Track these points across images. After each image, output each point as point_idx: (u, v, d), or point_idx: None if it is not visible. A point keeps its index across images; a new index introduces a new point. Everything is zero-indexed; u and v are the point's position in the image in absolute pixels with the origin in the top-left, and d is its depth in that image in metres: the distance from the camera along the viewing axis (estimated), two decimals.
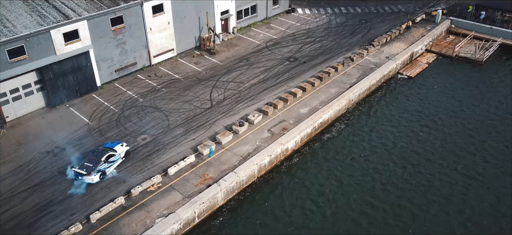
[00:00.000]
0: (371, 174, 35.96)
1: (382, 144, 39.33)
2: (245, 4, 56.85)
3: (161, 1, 46.33)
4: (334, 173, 36.07)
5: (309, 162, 37.30)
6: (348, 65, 48.80)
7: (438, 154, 38.05)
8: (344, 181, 35.22)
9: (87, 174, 32.07)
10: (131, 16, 44.27)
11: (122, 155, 34.53)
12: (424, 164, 36.91)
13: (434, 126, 41.58)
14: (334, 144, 39.58)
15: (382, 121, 42.49)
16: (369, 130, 41.30)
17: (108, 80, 45.11)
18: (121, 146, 34.94)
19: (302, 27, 58.56)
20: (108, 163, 33.21)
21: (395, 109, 44.26)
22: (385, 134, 40.69)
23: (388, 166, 36.68)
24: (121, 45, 44.76)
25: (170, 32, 48.85)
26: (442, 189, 34.41)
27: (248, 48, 53.09)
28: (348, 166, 36.85)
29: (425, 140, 39.71)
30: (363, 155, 37.99)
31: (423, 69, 51.45)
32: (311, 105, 42.11)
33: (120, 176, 33.25)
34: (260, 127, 38.99)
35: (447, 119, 42.60)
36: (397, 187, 34.61)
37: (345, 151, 38.56)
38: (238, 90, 44.34)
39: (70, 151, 35.30)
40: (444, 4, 64.99)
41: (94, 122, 39.33)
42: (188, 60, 50.40)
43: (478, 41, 56.01)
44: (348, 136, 40.58)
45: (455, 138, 39.91)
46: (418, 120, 42.45)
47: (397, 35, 55.96)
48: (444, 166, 36.66)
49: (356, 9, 64.52)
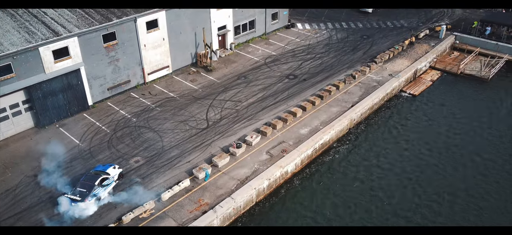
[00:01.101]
0: (376, 199, 35.04)
1: (388, 167, 38.50)
2: (243, 19, 56.37)
3: (155, 17, 45.75)
4: (337, 199, 35.17)
5: (310, 186, 36.39)
6: (349, 83, 48.15)
7: (449, 178, 37.18)
8: (348, 207, 34.28)
9: (81, 200, 31.10)
10: (124, 32, 43.64)
11: (115, 178, 33.74)
12: (434, 189, 36.02)
13: (441, 148, 40.79)
14: (336, 166, 38.73)
15: (386, 143, 41.70)
16: (372, 151, 40.49)
17: (100, 98, 44.32)
18: (113, 169, 34.17)
19: (302, 43, 58.05)
20: (102, 187, 32.35)
21: (400, 130, 43.51)
22: (390, 156, 39.88)
23: (394, 191, 35.78)
24: (113, 63, 44.06)
25: (165, 49, 48.22)
26: (454, 216, 33.52)
27: (246, 65, 52.47)
28: (352, 190, 35.94)
29: (433, 164, 38.86)
30: (367, 179, 37.12)
31: (427, 87, 50.83)
32: (312, 125, 41.35)
33: (116, 199, 32.34)
34: (259, 149, 38.16)
35: (455, 140, 41.85)
36: (406, 216, 33.65)
37: (348, 175, 37.69)
38: (235, 109, 43.60)
39: (59, 174, 34.32)
40: (448, 19, 64.68)
41: (85, 144, 38.45)
42: (184, 78, 49.70)
43: (483, 58, 55.60)
44: (351, 158, 39.74)
45: (465, 160, 39.10)
46: (424, 142, 41.65)
47: (400, 52, 55.45)
48: (455, 192, 35.79)
49: (357, 24, 64.12)
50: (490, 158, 39.39)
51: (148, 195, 32.73)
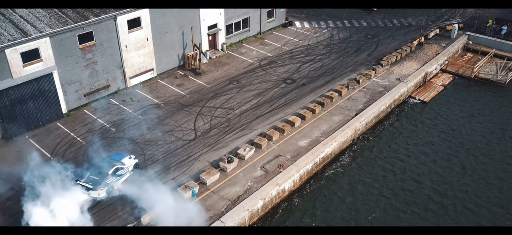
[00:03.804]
0: (387, 219, 33.27)
1: (397, 184, 36.76)
2: (235, 17, 54.57)
3: (138, 15, 43.89)
4: (340, 220, 33.35)
5: (309, 206, 34.58)
6: (353, 88, 46.40)
7: (469, 200, 35.42)
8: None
9: (93, 189, 31.34)
10: (102, 32, 41.74)
11: (130, 169, 33.89)
12: (450, 212, 34.30)
13: (455, 162, 39.12)
14: (339, 182, 36.99)
15: (395, 155, 40.00)
16: (379, 165, 38.79)
17: (75, 106, 42.39)
18: (129, 159, 34.43)
19: (300, 43, 56.32)
20: (115, 176, 32.55)
21: (409, 141, 41.84)
22: (399, 170, 38.15)
23: (405, 212, 34.01)
24: (91, 66, 42.16)
25: (148, 50, 46.37)
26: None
27: (239, 68, 50.68)
28: (357, 210, 34.16)
29: (448, 181, 37.17)
30: (373, 198, 35.34)
31: (438, 92, 49.17)
32: (312, 137, 39.58)
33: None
34: (252, 164, 36.34)
35: (473, 153, 40.19)
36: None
37: (352, 192, 35.92)
38: (227, 118, 41.81)
39: (26, 193, 32.28)
40: (459, 17, 63.14)
41: (57, 158, 36.43)
42: (170, 82, 47.84)
43: (499, 60, 54.01)
44: (355, 173, 38.01)
45: (489, 179, 37.45)
46: (436, 155, 39.99)
47: (408, 53, 53.78)
48: (478, 214, 34.07)
49: (361, 22, 62.44)
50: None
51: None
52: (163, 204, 30.56)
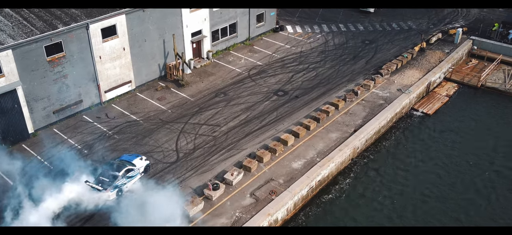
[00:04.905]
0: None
1: (402, 208, 34.10)
2: (222, 22, 51.63)
3: (113, 22, 40.88)
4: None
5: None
6: (351, 100, 43.68)
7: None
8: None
9: (103, 190, 31.27)
10: (73, 42, 38.71)
11: (142, 171, 33.93)
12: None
13: (466, 183, 36.57)
14: (338, 209, 34.34)
15: (399, 176, 37.41)
16: (381, 188, 36.20)
17: (43, 124, 39.34)
18: (140, 160, 34.43)
19: (292, 50, 53.54)
20: (126, 178, 32.50)
21: (413, 158, 39.34)
22: (404, 193, 35.59)
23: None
24: (60, 80, 39.10)
25: (126, 61, 43.34)
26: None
27: (226, 78, 47.77)
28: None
29: (459, 206, 34.59)
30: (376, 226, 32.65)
31: (442, 104, 46.64)
32: (307, 157, 36.82)
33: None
34: (241, 190, 33.54)
35: (484, 173, 37.72)
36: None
37: (353, 220, 33.17)
38: (212, 136, 39.00)
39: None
40: (463, 20, 60.68)
41: (20, 186, 33.22)
42: (150, 95, 44.83)
43: (507, 67, 51.63)
44: (355, 197, 35.38)
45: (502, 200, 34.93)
46: (447, 175, 37.52)
47: (409, 60, 51.22)
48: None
49: (357, 26, 59.76)
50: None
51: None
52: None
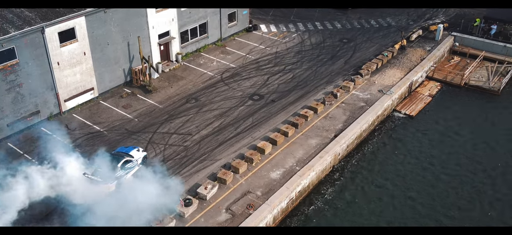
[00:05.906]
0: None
1: (386, 218, 32.78)
2: (191, 22, 49.65)
3: (71, 25, 38.59)
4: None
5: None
6: (330, 103, 42.24)
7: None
8: None
9: (101, 182, 31.06)
10: (27, 48, 36.31)
11: (140, 162, 33.92)
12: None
13: (453, 186, 35.54)
14: (320, 220, 32.74)
15: (382, 181, 36.23)
16: (365, 195, 34.96)
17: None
18: (137, 151, 34.46)
19: (267, 51, 51.92)
20: (124, 170, 32.52)
21: (397, 163, 38.15)
22: (388, 200, 34.43)
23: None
24: (14, 89, 36.64)
25: (87, 66, 41.04)
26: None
27: (197, 83, 45.85)
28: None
29: (444, 210, 33.44)
30: None
31: (426, 104, 45.64)
32: (285, 166, 35.24)
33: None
34: (216, 205, 31.81)
35: (470, 177, 36.79)
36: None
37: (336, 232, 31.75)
38: (184, 146, 37.15)
39: None
40: (443, 16, 60.01)
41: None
42: (115, 103, 42.60)
43: (490, 64, 50.99)
44: (337, 208, 33.95)
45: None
46: (434, 179, 36.48)
47: (390, 59, 50.14)
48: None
49: (334, 24, 58.47)
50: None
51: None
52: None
